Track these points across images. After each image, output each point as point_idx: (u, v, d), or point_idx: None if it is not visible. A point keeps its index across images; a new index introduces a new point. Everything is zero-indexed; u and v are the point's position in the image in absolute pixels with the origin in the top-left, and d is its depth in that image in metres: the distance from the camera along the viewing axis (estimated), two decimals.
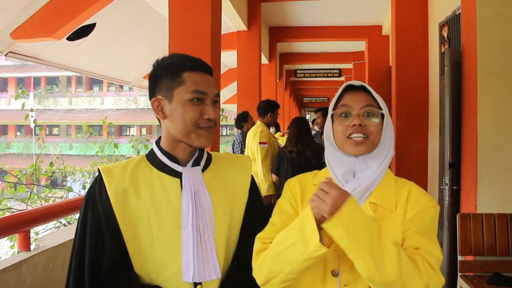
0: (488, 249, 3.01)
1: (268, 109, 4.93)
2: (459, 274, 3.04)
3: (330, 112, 1.30)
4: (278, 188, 4.61)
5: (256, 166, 4.64)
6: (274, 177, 4.51)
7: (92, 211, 1.30)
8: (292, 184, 1.36)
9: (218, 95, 1.36)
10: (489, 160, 3.17)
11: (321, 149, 4.37)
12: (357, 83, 1.28)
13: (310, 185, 1.34)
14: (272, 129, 5.51)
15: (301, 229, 1.11)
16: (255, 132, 4.77)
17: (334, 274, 1.22)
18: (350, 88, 1.29)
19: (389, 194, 1.25)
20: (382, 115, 1.25)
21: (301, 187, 1.34)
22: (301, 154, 4.25)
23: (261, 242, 1.27)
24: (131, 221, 1.28)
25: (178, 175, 1.34)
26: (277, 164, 4.44)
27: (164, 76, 1.32)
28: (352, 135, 1.23)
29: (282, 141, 6.31)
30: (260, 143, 4.67)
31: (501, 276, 2.89)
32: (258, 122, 4.94)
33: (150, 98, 1.36)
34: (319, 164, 4.28)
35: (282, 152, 4.42)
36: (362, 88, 1.27)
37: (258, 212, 1.47)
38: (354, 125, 1.22)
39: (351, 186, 1.24)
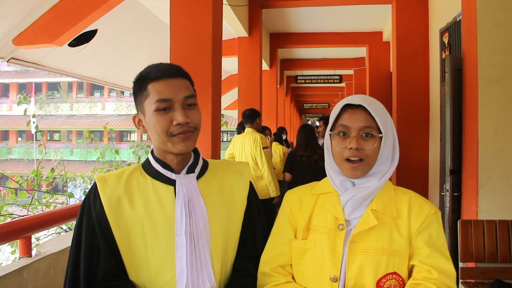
0: (489, 255, 3.00)
1: (255, 115, 5.14)
2: (460, 281, 3.03)
3: (328, 131, 1.31)
4: (289, 186, 4.86)
5: (261, 171, 4.92)
6: (288, 175, 4.82)
7: (87, 219, 1.30)
8: (291, 198, 1.39)
9: (190, 96, 1.30)
10: (490, 167, 3.17)
11: None
12: (355, 101, 1.26)
13: (308, 195, 1.37)
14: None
15: None
16: (254, 139, 4.94)
17: (334, 279, 1.22)
18: (348, 106, 1.28)
19: (389, 201, 1.27)
20: (381, 134, 1.25)
21: (299, 199, 1.37)
22: (310, 158, 4.68)
23: (269, 268, 1.30)
24: (125, 230, 1.28)
25: (172, 182, 1.33)
26: (290, 164, 4.82)
27: (136, 91, 1.33)
28: (349, 157, 1.24)
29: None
30: (263, 148, 4.91)
31: (503, 283, 2.88)
32: (250, 129, 5.08)
33: None
34: None
35: (293, 156, 4.80)
36: (361, 106, 1.26)
37: (258, 219, 1.45)
38: (351, 148, 1.23)
39: (350, 194, 1.26)
